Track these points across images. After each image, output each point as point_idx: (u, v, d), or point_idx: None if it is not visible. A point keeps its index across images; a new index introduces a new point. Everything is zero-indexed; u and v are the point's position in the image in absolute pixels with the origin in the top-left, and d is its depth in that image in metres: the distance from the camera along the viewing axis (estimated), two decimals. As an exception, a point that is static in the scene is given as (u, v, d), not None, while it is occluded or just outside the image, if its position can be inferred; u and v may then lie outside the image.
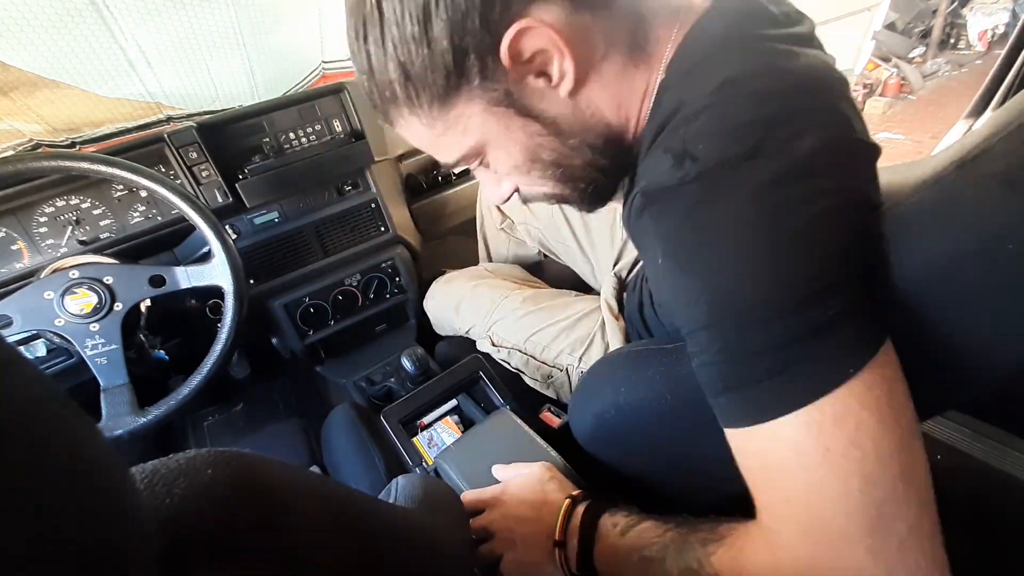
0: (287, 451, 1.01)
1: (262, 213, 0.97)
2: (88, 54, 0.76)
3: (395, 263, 1.12)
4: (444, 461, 0.68)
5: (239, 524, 0.24)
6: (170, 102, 0.93)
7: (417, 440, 0.77)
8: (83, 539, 0.16)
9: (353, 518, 0.32)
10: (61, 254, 0.85)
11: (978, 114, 0.81)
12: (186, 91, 0.93)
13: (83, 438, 0.18)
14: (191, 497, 0.23)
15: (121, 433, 0.75)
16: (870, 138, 0.38)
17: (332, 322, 1.09)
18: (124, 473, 0.20)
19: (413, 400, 0.80)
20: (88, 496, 0.17)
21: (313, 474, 0.32)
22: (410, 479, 0.48)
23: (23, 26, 0.69)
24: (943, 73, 4.28)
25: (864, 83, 3.88)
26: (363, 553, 0.30)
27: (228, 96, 0.99)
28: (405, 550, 0.35)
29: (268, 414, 1.20)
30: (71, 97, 0.82)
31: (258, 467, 0.27)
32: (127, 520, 0.18)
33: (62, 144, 0.89)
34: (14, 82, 0.75)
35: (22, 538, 0.14)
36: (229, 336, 0.78)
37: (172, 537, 0.21)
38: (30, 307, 0.73)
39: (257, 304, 1.01)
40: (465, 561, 0.45)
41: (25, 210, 0.83)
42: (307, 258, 1.04)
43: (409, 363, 0.92)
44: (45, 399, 0.17)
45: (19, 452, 0.15)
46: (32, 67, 0.74)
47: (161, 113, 0.95)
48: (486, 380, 0.82)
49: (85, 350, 0.75)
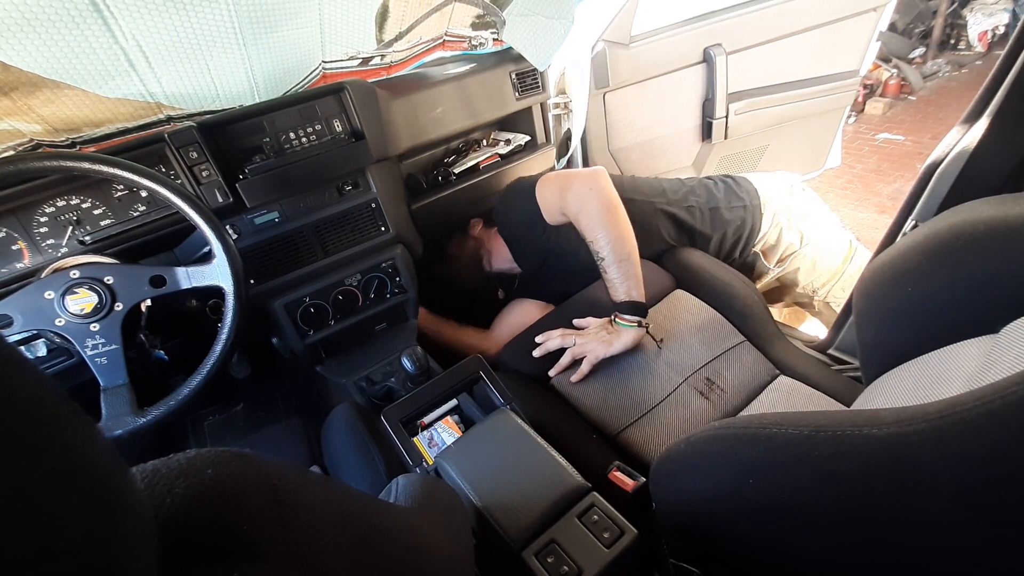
0: (287, 451, 1.01)
1: (262, 213, 0.97)
2: (88, 54, 0.76)
3: (395, 263, 1.12)
4: (444, 461, 0.68)
5: (239, 524, 0.24)
6: (170, 102, 0.93)
7: (417, 440, 0.77)
8: (83, 539, 0.16)
9: (353, 518, 0.32)
10: (61, 254, 0.85)
11: (974, 119, 0.80)
12: (186, 91, 0.93)
13: (83, 438, 0.18)
14: (191, 497, 0.23)
15: (121, 433, 0.75)
16: None
17: (332, 322, 1.08)
18: (124, 473, 0.20)
19: (413, 400, 0.80)
20: (88, 496, 0.17)
21: (313, 474, 0.32)
22: (410, 479, 0.48)
23: (23, 26, 0.69)
24: (943, 74, 4.28)
25: (864, 83, 3.88)
26: (363, 553, 0.30)
27: (228, 96, 0.99)
28: (405, 550, 0.35)
29: (268, 414, 1.20)
30: (71, 97, 0.82)
31: (258, 467, 0.27)
32: (127, 520, 0.18)
33: (62, 144, 0.89)
34: (14, 82, 0.75)
35: (23, 538, 0.14)
36: (229, 336, 0.78)
37: (172, 537, 0.21)
38: (30, 307, 0.73)
39: (257, 304, 1.01)
40: (465, 561, 0.45)
41: (26, 210, 0.83)
42: (307, 258, 1.04)
43: (409, 363, 0.92)
44: (45, 399, 0.17)
45: (20, 452, 0.15)
46: (32, 67, 0.74)
47: (161, 113, 0.95)
48: (486, 380, 0.82)
49: (85, 350, 0.75)
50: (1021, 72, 0.71)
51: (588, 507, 0.62)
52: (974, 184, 0.81)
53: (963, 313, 0.63)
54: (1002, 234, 0.60)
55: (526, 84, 1.33)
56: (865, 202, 2.99)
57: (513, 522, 0.60)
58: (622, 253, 0.97)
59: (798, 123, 1.74)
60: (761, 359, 1.03)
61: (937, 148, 0.85)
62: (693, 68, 1.60)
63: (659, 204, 1.22)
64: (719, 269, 1.15)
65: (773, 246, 1.27)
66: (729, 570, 0.59)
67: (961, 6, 4.34)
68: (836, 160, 1.93)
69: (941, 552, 0.38)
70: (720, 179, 1.30)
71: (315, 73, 1.08)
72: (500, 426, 0.72)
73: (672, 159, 1.74)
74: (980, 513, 0.35)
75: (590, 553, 0.57)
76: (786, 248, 1.26)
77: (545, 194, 1.07)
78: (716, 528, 0.56)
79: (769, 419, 0.48)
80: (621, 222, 0.99)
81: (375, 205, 1.08)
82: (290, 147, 0.99)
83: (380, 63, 1.20)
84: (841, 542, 0.44)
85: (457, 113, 1.24)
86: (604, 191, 0.99)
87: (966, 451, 0.34)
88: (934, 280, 0.66)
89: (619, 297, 0.97)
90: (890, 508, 0.39)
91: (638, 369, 0.98)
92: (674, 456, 0.59)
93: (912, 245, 0.69)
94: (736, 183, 1.28)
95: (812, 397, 0.94)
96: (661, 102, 1.63)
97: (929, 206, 0.87)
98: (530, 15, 1.21)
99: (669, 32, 1.55)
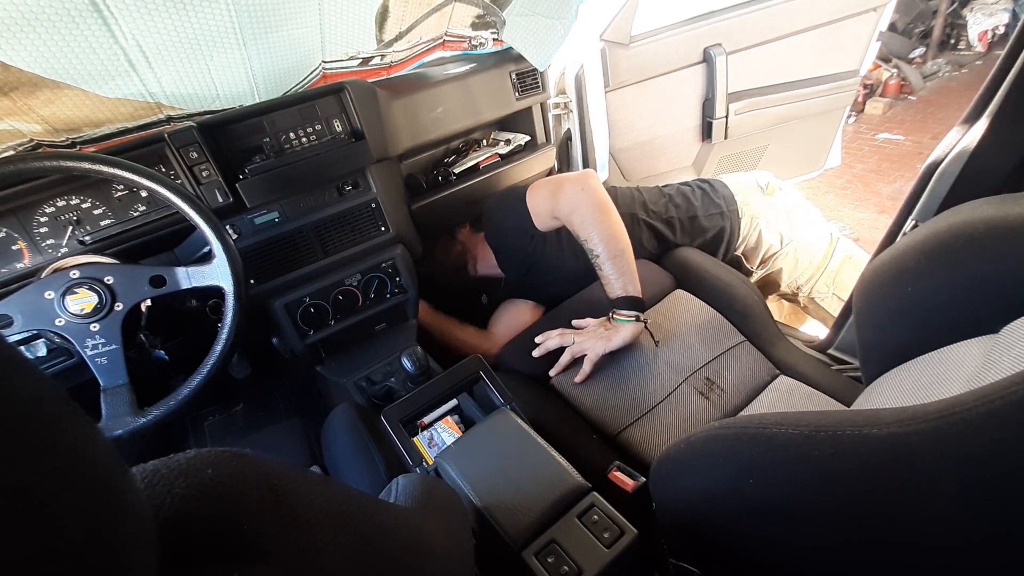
0: (287, 451, 1.01)
1: (262, 213, 0.97)
2: (88, 54, 0.76)
3: (395, 263, 1.12)
4: (444, 461, 0.68)
5: (239, 524, 0.24)
6: (170, 102, 0.93)
7: (417, 440, 0.77)
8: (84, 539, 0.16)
9: (353, 517, 0.32)
10: (62, 254, 0.85)
11: (973, 120, 0.80)
12: (186, 91, 0.93)
13: (83, 438, 0.18)
14: (191, 497, 0.23)
15: (121, 433, 0.75)
16: None
17: (332, 322, 1.08)
18: (124, 473, 0.20)
19: (413, 400, 0.80)
20: (88, 496, 0.17)
21: (313, 474, 0.32)
22: (410, 479, 0.48)
23: (23, 26, 0.69)
24: (943, 74, 4.28)
25: (864, 83, 3.88)
26: (363, 553, 0.30)
27: (228, 96, 0.99)
28: (405, 549, 0.35)
29: (268, 414, 1.20)
30: (71, 97, 0.82)
31: (258, 467, 0.27)
32: (127, 520, 0.18)
33: (62, 144, 0.89)
34: (14, 82, 0.75)
35: (23, 538, 0.14)
36: (229, 336, 0.78)
37: (172, 537, 0.21)
38: (31, 307, 0.73)
39: (257, 304, 1.01)
40: (465, 561, 0.45)
41: (26, 210, 0.83)
42: (307, 258, 1.04)
43: (409, 363, 0.92)
44: (45, 399, 0.17)
45: (20, 452, 0.15)
46: (32, 67, 0.74)
47: (161, 113, 0.95)
48: (486, 380, 0.82)
49: (85, 350, 0.75)
50: (1021, 72, 0.71)
51: (588, 507, 0.62)
52: (974, 184, 0.81)
53: (963, 313, 0.63)
54: (1002, 234, 0.60)
55: (526, 84, 1.34)
56: (865, 202, 2.99)
57: (513, 522, 0.60)
58: (616, 249, 0.97)
59: (798, 123, 1.74)
60: (761, 359, 1.03)
61: (937, 148, 0.85)
62: (693, 68, 1.60)
63: (639, 216, 1.23)
64: (719, 269, 1.15)
65: (754, 248, 1.28)
66: (729, 570, 0.59)
67: (961, 6, 4.34)
68: (836, 160, 1.93)
69: (941, 552, 0.38)
70: (697, 185, 1.31)
71: (315, 73, 1.08)
72: (500, 426, 0.72)
73: (672, 159, 1.74)
74: (980, 513, 0.35)
75: (590, 553, 0.57)
76: (767, 250, 1.27)
77: (536, 200, 1.08)
78: (716, 528, 0.56)
79: (769, 419, 0.48)
80: (614, 220, 1.00)
81: (375, 205, 1.08)
82: (290, 147, 0.99)
83: (380, 63, 1.20)
84: (841, 542, 0.44)
85: (457, 113, 1.24)
86: (595, 191, 1.00)
87: (966, 451, 0.34)
88: (934, 280, 0.66)
89: (615, 293, 0.98)
90: (890, 508, 0.39)
91: (638, 369, 0.98)
92: (674, 456, 0.59)
93: (912, 245, 0.69)
94: (713, 188, 1.29)
95: (812, 397, 0.94)
96: (661, 102, 1.63)
97: (929, 206, 0.87)
98: (530, 15, 1.21)
99: (669, 32, 1.55)
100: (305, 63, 1.04)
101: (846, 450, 0.40)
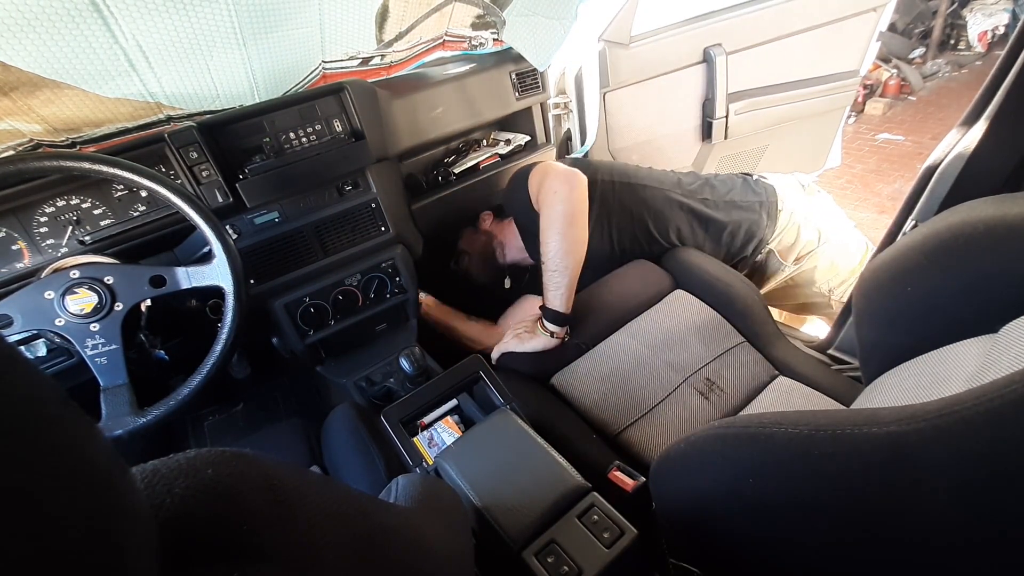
0: (287, 451, 1.01)
1: (262, 213, 0.97)
2: (88, 54, 0.76)
3: (395, 263, 1.12)
4: (444, 461, 0.68)
5: (239, 524, 0.24)
6: (170, 102, 0.93)
7: (417, 440, 0.77)
8: (84, 539, 0.16)
9: (353, 517, 0.32)
10: (61, 254, 0.85)
11: (973, 120, 0.80)
12: (186, 91, 0.93)
13: (83, 438, 0.18)
14: (191, 497, 0.23)
15: (121, 433, 0.75)
16: None
17: (332, 322, 1.08)
18: (124, 473, 0.20)
19: (413, 400, 0.80)
20: (88, 495, 0.17)
21: (313, 474, 0.32)
22: (410, 479, 0.48)
23: (23, 26, 0.69)
24: (943, 74, 4.28)
25: (864, 84, 3.88)
26: (363, 552, 0.30)
27: (228, 96, 0.99)
28: (405, 550, 0.35)
29: (268, 414, 1.20)
30: (71, 97, 0.82)
31: (258, 467, 0.27)
32: (127, 520, 0.18)
33: (62, 144, 0.89)
34: (14, 82, 0.75)
35: (23, 537, 0.14)
36: (229, 336, 0.78)
37: (172, 537, 0.22)
38: (30, 307, 0.73)
39: (257, 304, 1.01)
40: (465, 561, 0.45)
41: (25, 210, 0.83)
42: (307, 258, 1.04)
43: (407, 364, 0.93)
44: (45, 399, 0.17)
45: (19, 451, 0.15)
46: (32, 67, 0.74)
47: (161, 113, 0.95)
48: (486, 380, 0.82)
49: (85, 350, 0.75)
50: (1021, 72, 0.71)
51: (588, 507, 0.62)
52: (974, 184, 0.81)
53: (963, 313, 0.63)
54: (1001, 234, 0.60)
55: (526, 84, 1.34)
56: (865, 202, 2.99)
57: (513, 522, 0.60)
58: (561, 264, 0.98)
59: (798, 123, 1.74)
60: (761, 359, 1.03)
61: (937, 148, 0.85)
62: (693, 68, 1.60)
63: (674, 194, 1.21)
64: (719, 269, 1.15)
65: (791, 245, 1.26)
66: (729, 570, 0.59)
67: (961, 6, 4.34)
68: (836, 160, 1.93)
69: (940, 550, 0.38)
70: (738, 175, 1.30)
71: (315, 73, 1.08)
72: (500, 426, 0.72)
73: (672, 159, 1.74)
74: (979, 511, 0.35)
75: (590, 553, 0.57)
76: (804, 246, 1.25)
77: (532, 183, 1.09)
78: (716, 528, 0.56)
79: (768, 418, 0.48)
80: (576, 236, 0.99)
81: (375, 205, 1.08)
82: (290, 147, 0.99)
83: (380, 63, 1.20)
84: (841, 541, 0.44)
85: (457, 113, 1.24)
86: (570, 198, 0.98)
87: (966, 450, 0.34)
88: (933, 280, 0.66)
89: (548, 303, 1.00)
90: (890, 507, 0.39)
91: (638, 369, 0.98)
92: (674, 456, 0.59)
93: (912, 245, 0.69)
94: (753, 180, 1.28)
95: (812, 397, 0.94)
96: (661, 102, 1.62)
97: (929, 206, 0.87)
98: (530, 15, 1.21)
99: (669, 32, 1.55)
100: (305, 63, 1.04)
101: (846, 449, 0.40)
